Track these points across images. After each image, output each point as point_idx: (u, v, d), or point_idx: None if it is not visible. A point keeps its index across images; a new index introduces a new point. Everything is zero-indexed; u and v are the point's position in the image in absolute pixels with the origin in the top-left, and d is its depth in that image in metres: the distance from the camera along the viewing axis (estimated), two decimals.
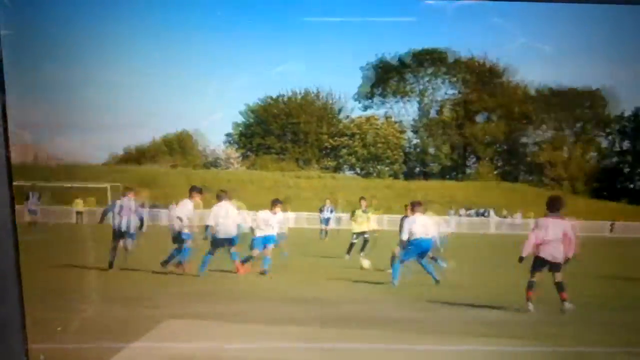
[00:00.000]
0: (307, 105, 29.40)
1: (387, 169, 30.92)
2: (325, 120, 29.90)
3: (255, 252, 9.01)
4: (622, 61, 25.49)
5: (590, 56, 26.35)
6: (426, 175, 31.23)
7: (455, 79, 28.45)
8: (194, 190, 9.11)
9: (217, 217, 8.80)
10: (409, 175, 31.32)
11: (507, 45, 20.33)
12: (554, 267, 6.67)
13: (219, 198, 9.10)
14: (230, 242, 8.78)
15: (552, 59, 20.32)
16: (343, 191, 31.95)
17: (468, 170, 30.26)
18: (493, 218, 30.60)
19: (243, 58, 28.98)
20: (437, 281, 8.12)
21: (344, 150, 30.48)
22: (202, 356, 5.23)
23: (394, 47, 26.14)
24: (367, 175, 31.82)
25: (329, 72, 31.88)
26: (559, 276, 6.66)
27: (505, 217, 29.60)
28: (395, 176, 31.20)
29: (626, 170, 29.02)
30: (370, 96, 29.63)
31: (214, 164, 30.88)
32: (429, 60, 28.51)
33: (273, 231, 9.27)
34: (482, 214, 30.47)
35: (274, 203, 9.40)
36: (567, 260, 6.71)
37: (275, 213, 9.34)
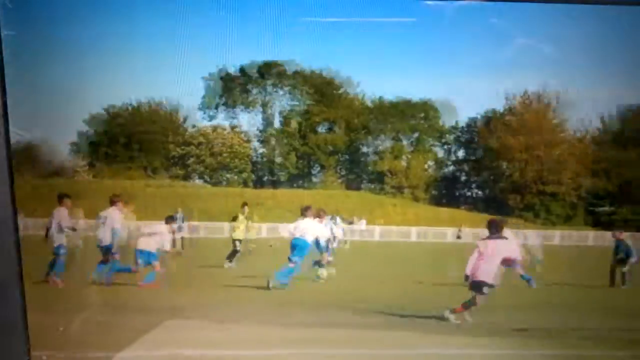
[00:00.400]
0: (152, 115, 29.59)
1: (236, 177, 31.41)
2: (171, 130, 30.14)
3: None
4: (453, 74, 26.71)
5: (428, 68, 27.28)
6: (275, 184, 31.90)
7: (296, 90, 29.04)
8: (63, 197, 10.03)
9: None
10: (259, 184, 31.97)
11: (506, 46, 21.10)
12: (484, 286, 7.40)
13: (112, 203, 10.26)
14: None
15: (552, 59, 21.11)
16: (195, 199, 32.42)
17: (314, 179, 31.05)
18: (340, 224, 31.39)
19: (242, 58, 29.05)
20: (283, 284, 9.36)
21: (192, 159, 30.81)
22: (202, 356, 5.16)
23: (394, 47, 26.51)
24: (217, 183, 32.29)
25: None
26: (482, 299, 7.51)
27: (351, 223, 30.58)
28: (245, 184, 31.74)
29: (463, 178, 30.27)
30: (215, 106, 29.98)
31: (59, 172, 30.81)
32: (270, 72, 29.04)
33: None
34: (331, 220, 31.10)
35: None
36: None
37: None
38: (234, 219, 13.60)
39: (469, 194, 31.79)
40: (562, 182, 30.84)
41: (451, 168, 31.76)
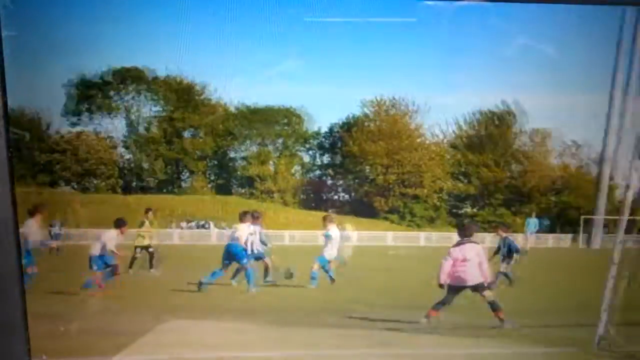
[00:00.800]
0: (12, 121, 28.91)
1: (103, 183, 31.12)
2: (35, 136, 29.73)
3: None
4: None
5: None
6: (144, 189, 31.80)
7: (157, 96, 28.97)
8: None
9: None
10: (127, 190, 31.77)
11: (506, 46, 21.19)
12: (476, 288, 7.57)
13: None
14: None
15: (552, 60, 21.28)
16: (63, 206, 32.02)
17: (184, 184, 31.10)
18: (213, 230, 31.79)
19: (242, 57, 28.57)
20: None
21: (58, 166, 30.42)
22: (202, 355, 5.23)
23: (394, 47, 26.42)
24: (85, 190, 31.95)
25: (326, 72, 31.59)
26: (489, 295, 7.60)
27: (223, 228, 30.84)
28: (113, 190, 31.46)
29: (329, 182, 30.77)
30: (77, 112, 29.65)
31: None
32: (129, 78, 28.89)
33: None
34: (203, 226, 31.50)
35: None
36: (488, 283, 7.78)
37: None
38: (141, 224, 13.74)
39: (335, 197, 32.38)
40: (423, 185, 31.69)
41: (317, 172, 32.26)
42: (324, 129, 32.35)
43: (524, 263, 13.30)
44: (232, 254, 10.82)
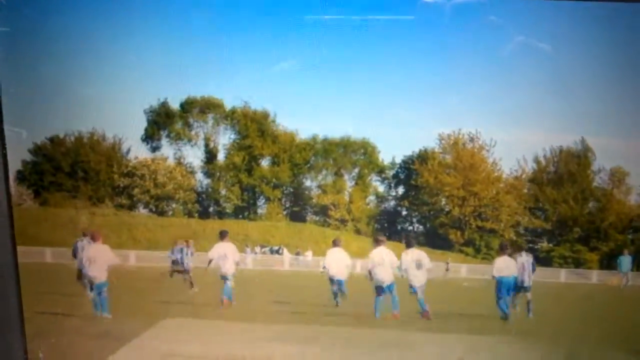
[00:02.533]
0: (94, 145, 30.99)
1: (181, 207, 32.73)
2: (115, 160, 31.53)
3: None
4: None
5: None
6: (220, 215, 33.24)
7: (236, 125, 30.62)
8: None
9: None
10: (204, 214, 33.31)
11: (504, 44, 22.45)
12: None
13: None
14: None
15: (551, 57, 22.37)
16: (141, 228, 33.72)
17: (259, 211, 32.52)
18: (287, 255, 33.10)
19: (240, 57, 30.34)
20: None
21: (137, 190, 32.12)
22: (200, 355, 5.48)
23: (393, 47, 27.98)
24: (162, 213, 33.56)
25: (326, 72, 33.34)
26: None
27: (297, 254, 32.12)
28: (190, 215, 33.07)
29: (404, 212, 31.81)
30: (157, 138, 31.47)
31: None
32: (208, 107, 30.68)
33: None
34: (277, 252, 32.88)
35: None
36: None
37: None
38: None
39: (410, 227, 33.31)
40: (500, 218, 32.39)
41: (392, 203, 33.36)
42: (399, 159, 33.59)
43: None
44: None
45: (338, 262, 13.44)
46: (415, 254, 12.21)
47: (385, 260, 11.61)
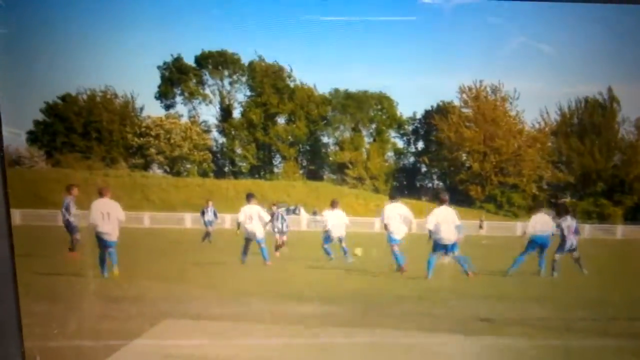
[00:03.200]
0: (107, 103, 30.61)
1: (196, 167, 32.43)
2: (128, 119, 31.15)
3: None
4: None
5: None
6: (236, 174, 32.95)
7: (252, 81, 30.11)
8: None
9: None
10: (219, 174, 33.05)
11: (505, 44, 22.33)
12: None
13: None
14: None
15: (552, 58, 22.27)
16: (156, 189, 33.50)
17: (275, 170, 32.17)
18: (304, 215, 32.85)
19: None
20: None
21: (152, 150, 31.78)
22: (200, 355, 5.32)
23: (393, 47, 27.90)
24: (177, 174, 33.29)
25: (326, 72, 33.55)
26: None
27: (314, 214, 31.88)
28: (205, 175, 32.79)
29: (423, 169, 31.42)
30: (172, 96, 31.05)
31: (17, 162, 31.89)
32: (223, 62, 30.13)
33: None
34: (294, 211, 32.61)
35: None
36: None
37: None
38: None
39: (429, 185, 32.90)
40: (522, 173, 31.92)
41: (411, 159, 32.91)
42: (419, 114, 33.04)
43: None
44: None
45: (339, 222, 14.50)
46: (399, 208, 12.89)
47: (449, 219, 11.45)
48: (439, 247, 11.24)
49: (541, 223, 12.05)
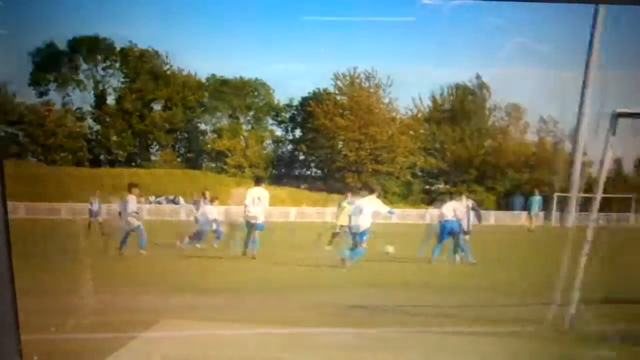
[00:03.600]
0: None
1: (70, 157, 31.66)
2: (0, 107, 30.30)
3: None
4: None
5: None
6: (112, 163, 32.27)
7: (126, 68, 29.51)
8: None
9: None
10: (95, 163, 32.22)
11: (503, 45, 22.10)
12: None
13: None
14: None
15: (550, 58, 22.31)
16: (26, 180, 32.44)
17: (153, 158, 31.61)
18: (183, 205, 32.25)
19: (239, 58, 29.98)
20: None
21: (27, 139, 30.94)
22: (199, 355, 5.18)
23: (392, 47, 27.63)
24: (52, 162, 32.46)
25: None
26: None
27: (194, 203, 30.97)
28: (79, 164, 32.01)
29: (301, 157, 31.28)
30: (45, 83, 30.22)
31: None
32: (98, 48, 29.47)
33: None
34: (172, 201, 31.94)
35: None
36: None
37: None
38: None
39: (308, 172, 32.94)
40: (396, 160, 32.23)
41: (289, 147, 32.80)
42: (297, 101, 33.02)
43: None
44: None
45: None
46: (260, 191, 12.84)
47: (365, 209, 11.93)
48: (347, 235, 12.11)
49: (450, 210, 12.47)
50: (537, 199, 26.22)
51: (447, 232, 12.29)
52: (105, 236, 16.38)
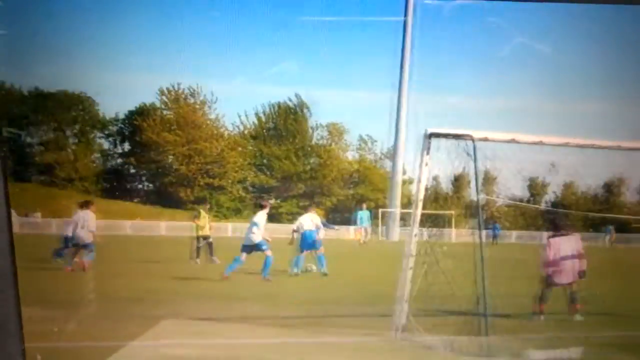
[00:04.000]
0: None
1: None
2: None
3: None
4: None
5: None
6: None
7: None
8: None
9: None
10: None
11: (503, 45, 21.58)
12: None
13: None
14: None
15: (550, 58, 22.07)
16: None
17: None
18: (17, 219, 31.13)
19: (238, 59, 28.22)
20: None
21: None
22: (199, 356, 5.25)
23: (391, 47, 26.69)
24: None
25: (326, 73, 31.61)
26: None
27: (26, 215, 30.46)
28: None
29: (132, 171, 31.16)
30: None
31: None
32: None
33: None
34: None
35: None
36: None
37: None
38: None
39: (140, 186, 33.08)
40: (227, 175, 32.84)
41: (119, 160, 32.84)
42: (123, 114, 33.03)
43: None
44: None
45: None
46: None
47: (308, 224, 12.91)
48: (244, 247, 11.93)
49: (308, 220, 12.86)
50: (365, 213, 27.67)
51: (308, 242, 12.62)
52: None
